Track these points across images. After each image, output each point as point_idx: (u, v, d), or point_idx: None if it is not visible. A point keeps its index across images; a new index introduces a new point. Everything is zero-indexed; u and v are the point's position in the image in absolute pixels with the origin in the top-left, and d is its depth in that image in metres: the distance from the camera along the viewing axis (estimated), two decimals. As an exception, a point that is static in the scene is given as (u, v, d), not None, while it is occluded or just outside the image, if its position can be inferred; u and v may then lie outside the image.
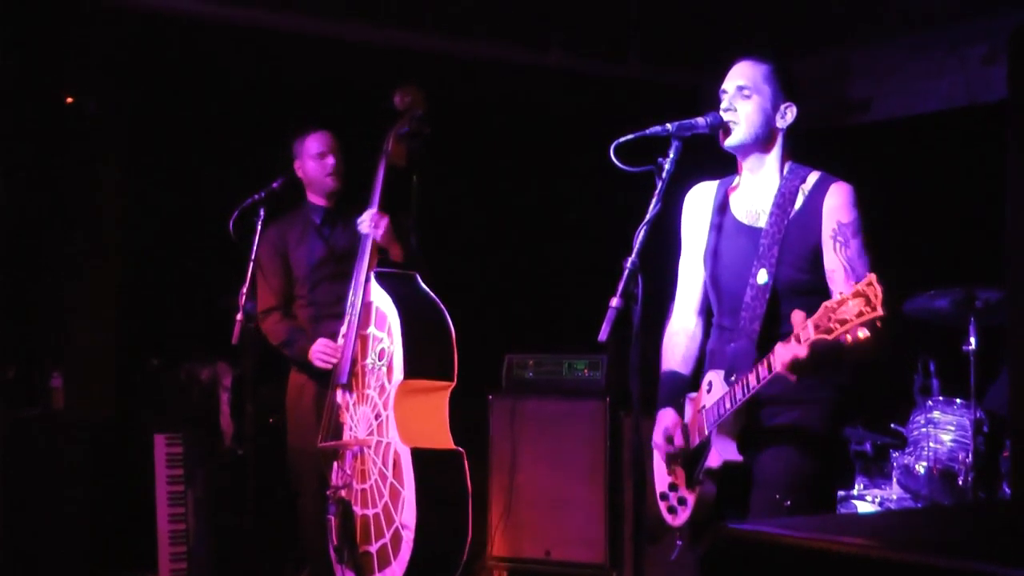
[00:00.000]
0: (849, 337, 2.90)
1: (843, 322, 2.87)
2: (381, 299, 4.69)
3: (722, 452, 3.29)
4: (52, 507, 5.11)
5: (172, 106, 6.01)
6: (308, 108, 5.75)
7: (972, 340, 4.81)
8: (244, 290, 4.66)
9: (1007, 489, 4.82)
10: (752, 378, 3.19)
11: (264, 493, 4.85)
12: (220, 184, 5.25)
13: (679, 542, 3.49)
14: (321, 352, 4.80)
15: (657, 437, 3.46)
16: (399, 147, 4.83)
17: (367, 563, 4.53)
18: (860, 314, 2.83)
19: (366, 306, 4.73)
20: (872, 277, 2.85)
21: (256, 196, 4.78)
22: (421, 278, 4.84)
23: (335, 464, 4.77)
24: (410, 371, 4.55)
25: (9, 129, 5.55)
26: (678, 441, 3.41)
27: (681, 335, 3.57)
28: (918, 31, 6.24)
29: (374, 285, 4.73)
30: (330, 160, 4.98)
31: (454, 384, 4.73)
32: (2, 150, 5.54)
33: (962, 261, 5.64)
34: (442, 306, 4.76)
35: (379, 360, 4.61)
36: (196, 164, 5.97)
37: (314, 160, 5.00)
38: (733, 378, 3.29)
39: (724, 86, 3.40)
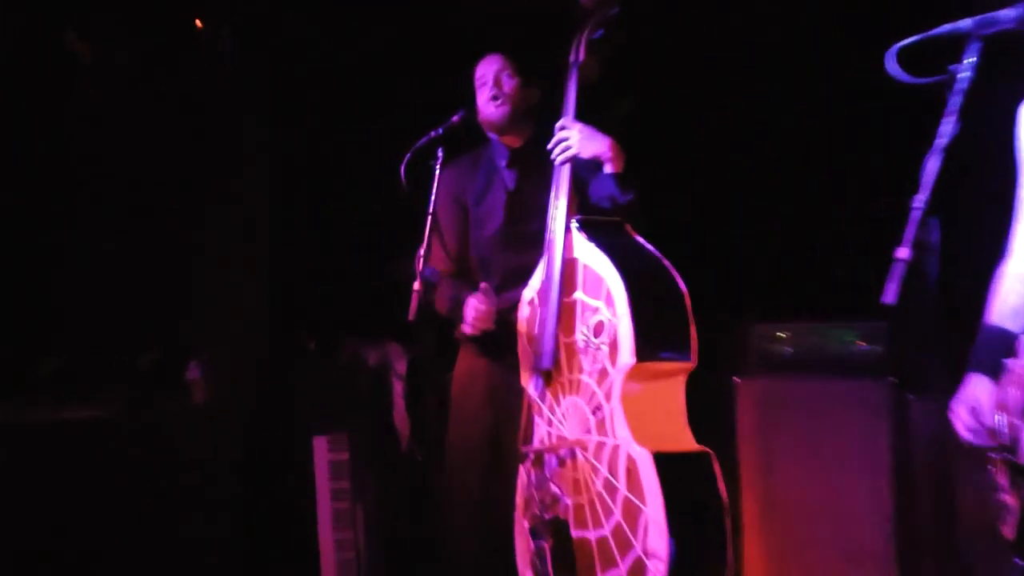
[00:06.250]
0: None
1: None
2: (590, 255, 4.28)
3: None
4: (196, 512, 5.17)
5: (321, 41, 6.00)
6: (488, 31, 5.59)
7: None
8: (421, 252, 4.38)
9: None
10: None
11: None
12: (383, 129, 5.25)
13: (1018, 561, 3.16)
14: (472, 315, 4.53)
15: (960, 410, 3.27)
16: (591, 56, 4.50)
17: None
18: None
19: (568, 263, 4.35)
20: None
21: (433, 134, 4.53)
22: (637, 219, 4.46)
23: (526, 473, 4.41)
24: (643, 352, 4.16)
25: (138, 83, 5.65)
26: (987, 420, 3.21)
27: (1014, 280, 3.33)
28: None
29: (577, 237, 4.33)
30: (488, 87, 4.73)
31: (694, 365, 4.36)
32: (129, 109, 5.67)
33: None
34: (669, 264, 4.36)
35: (595, 337, 4.26)
36: (353, 108, 5.96)
37: (478, 90, 4.74)
38: None
39: None
